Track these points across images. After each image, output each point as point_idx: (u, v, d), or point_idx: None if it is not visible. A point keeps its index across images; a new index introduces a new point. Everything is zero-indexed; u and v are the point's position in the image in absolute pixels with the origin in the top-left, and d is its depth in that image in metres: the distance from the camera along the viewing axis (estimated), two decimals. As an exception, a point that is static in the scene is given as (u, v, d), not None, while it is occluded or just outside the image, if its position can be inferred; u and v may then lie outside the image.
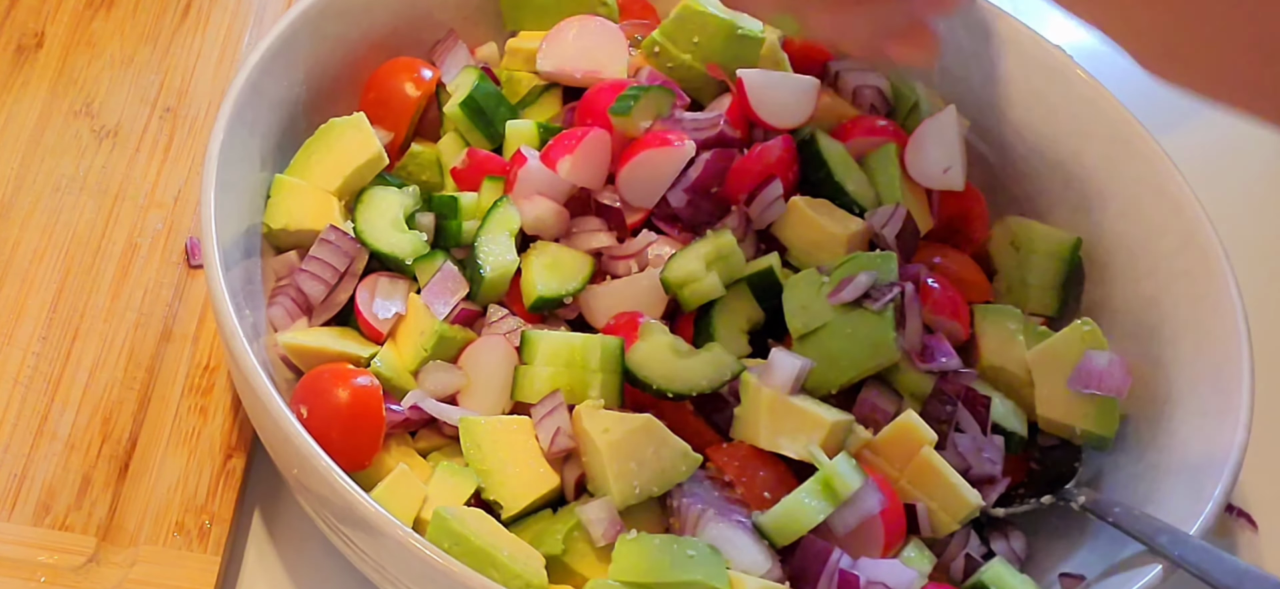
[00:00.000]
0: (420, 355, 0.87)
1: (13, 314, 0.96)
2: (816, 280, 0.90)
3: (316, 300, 0.91)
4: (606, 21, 1.01)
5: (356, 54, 1.00)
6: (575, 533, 0.82)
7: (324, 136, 0.95)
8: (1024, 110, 1.04)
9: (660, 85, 0.96)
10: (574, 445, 0.84)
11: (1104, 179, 1.01)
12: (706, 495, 0.84)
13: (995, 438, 0.91)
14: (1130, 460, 0.92)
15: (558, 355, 0.85)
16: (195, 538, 0.87)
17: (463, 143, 0.99)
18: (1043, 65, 1.03)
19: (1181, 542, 0.82)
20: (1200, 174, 1.00)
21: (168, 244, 1.00)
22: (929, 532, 0.87)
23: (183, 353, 0.95)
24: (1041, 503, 0.91)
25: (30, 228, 1.00)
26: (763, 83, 0.97)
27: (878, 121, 1.02)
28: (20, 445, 0.90)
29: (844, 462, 0.82)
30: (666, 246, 0.93)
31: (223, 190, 0.87)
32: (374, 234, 0.92)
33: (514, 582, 0.77)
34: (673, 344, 0.87)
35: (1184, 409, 0.91)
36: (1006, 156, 1.06)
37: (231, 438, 0.92)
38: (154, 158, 1.05)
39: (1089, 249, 1.01)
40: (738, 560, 0.81)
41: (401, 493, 0.81)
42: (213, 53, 1.12)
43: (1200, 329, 0.92)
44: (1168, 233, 0.97)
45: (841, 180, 0.97)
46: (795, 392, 0.85)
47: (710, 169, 0.94)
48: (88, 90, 1.08)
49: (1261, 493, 1.01)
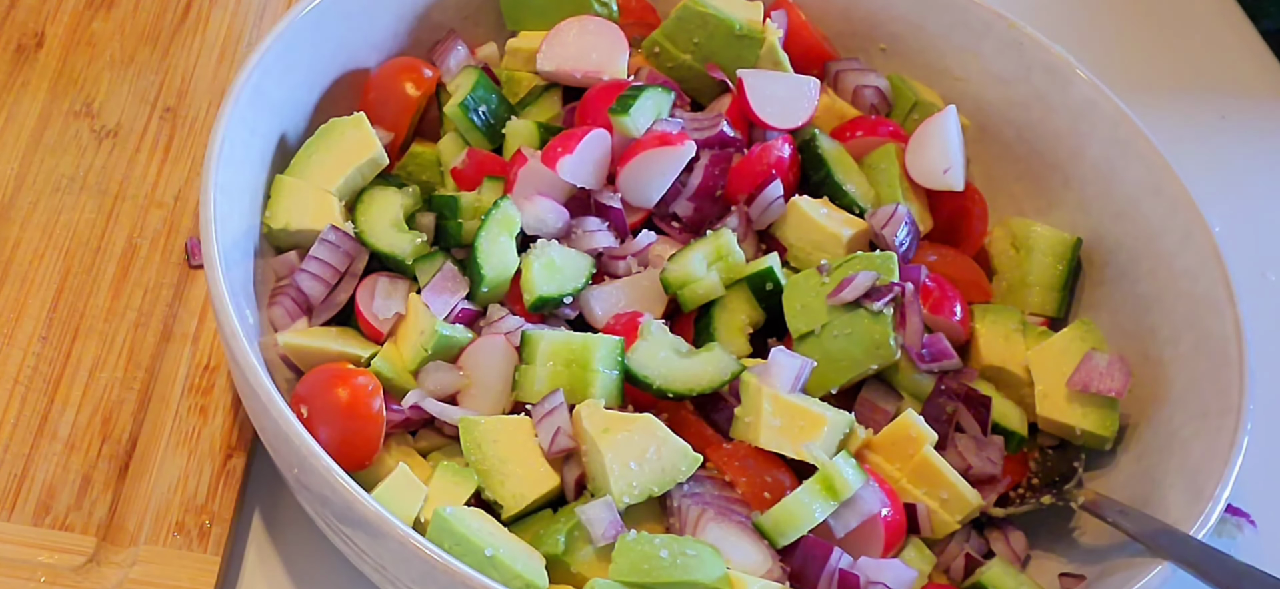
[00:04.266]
0: (420, 355, 0.87)
1: (13, 314, 0.96)
2: (816, 280, 0.90)
3: (316, 300, 0.91)
4: (606, 21, 1.01)
5: (357, 54, 1.00)
6: (575, 533, 0.82)
7: (324, 136, 0.95)
8: (1024, 110, 1.05)
9: (660, 85, 0.96)
10: (574, 445, 0.84)
11: (1104, 179, 1.01)
12: (706, 495, 0.84)
13: (995, 438, 0.91)
14: (1130, 460, 0.93)
15: (558, 355, 0.85)
16: (195, 538, 0.87)
17: (463, 143, 0.99)
18: (1043, 65, 1.03)
19: (1181, 542, 0.82)
20: (1200, 174, 1.00)
21: (168, 244, 1.00)
22: (929, 532, 0.87)
23: (183, 353, 0.95)
24: (1041, 503, 0.91)
25: (30, 228, 1.00)
26: (763, 83, 0.98)
27: (878, 122, 1.02)
28: (20, 445, 0.90)
29: (844, 461, 0.82)
30: (666, 246, 0.93)
31: (223, 190, 0.87)
32: (374, 234, 0.92)
33: (514, 582, 0.77)
34: (673, 344, 0.87)
35: (1184, 409, 0.91)
36: (1006, 156, 1.06)
37: (231, 438, 0.92)
38: (154, 158, 1.05)
39: (1089, 249, 1.01)
40: (738, 560, 0.81)
41: (401, 493, 0.81)
42: (213, 53, 1.12)
43: (1200, 329, 0.92)
44: (1167, 233, 0.97)
45: (841, 180, 0.97)
46: (795, 391, 0.85)
47: (711, 171, 0.94)
48: (88, 90, 1.08)
49: (1261, 493, 1.01)
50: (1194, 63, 1.31)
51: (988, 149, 1.06)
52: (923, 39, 1.07)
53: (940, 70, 1.07)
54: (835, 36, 1.09)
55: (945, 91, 1.07)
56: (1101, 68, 1.04)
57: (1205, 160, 1.16)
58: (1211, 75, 1.31)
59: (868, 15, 1.08)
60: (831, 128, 1.02)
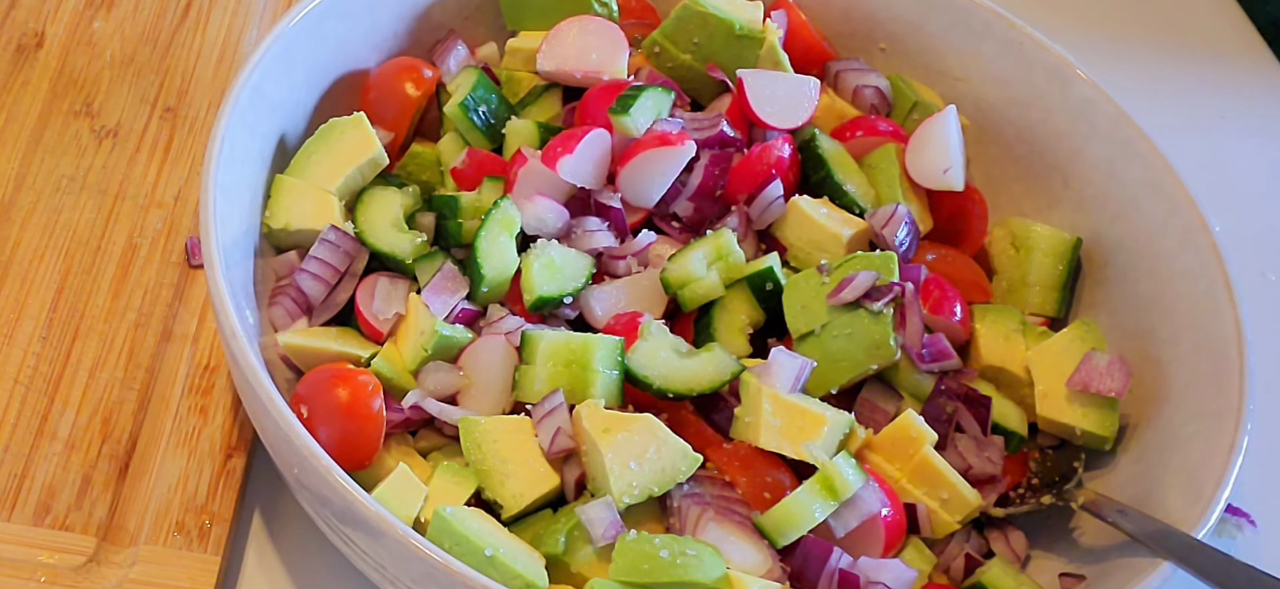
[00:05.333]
0: (420, 355, 0.87)
1: (13, 314, 0.96)
2: (816, 280, 0.90)
3: (316, 300, 0.91)
4: (606, 21, 1.01)
5: (356, 54, 1.00)
6: (575, 533, 0.82)
7: (324, 136, 0.95)
8: (1024, 110, 1.05)
9: (660, 85, 0.96)
10: (574, 445, 0.84)
11: (1104, 179, 1.01)
12: (706, 495, 0.84)
13: (995, 438, 0.91)
14: (1130, 460, 0.93)
15: (558, 355, 0.85)
16: (195, 538, 0.87)
17: (463, 143, 0.99)
18: (1043, 65, 1.03)
19: (1181, 542, 0.82)
20: (1199, 174, 1.00)
21: (168, 244, 1.00)
22: (929, 532, 0.87)
23: (183, 353, 0.95)
24: (1041, 503, 0.91)
25: (30, 228, 1.00)
26: (763, 83, 0.98)
27: (878, 122, 1.02)
28: (20, 445, 0.90)
29: (844, 462, 0.82)
30: (666, 246, 0.93)
31: (223, 190, 0.87)
32: (374, 234, 0.92)
33: (514, 582, 0.77)
34: (673, 344, 0.87)
35: (1184, 409, 0.91)
36: (1006, 156, 1.06)
37: (231, 438, 0.92)
38: (154, 158, 1.05)
39: (1089, 249, 1.01)
40: (738, 560, 0.81)
41: (401, 493, 0.81)
42: (213, 53, 1.12)
43: (1200, 329, 0.92)
44: (1167, 233, 0.97)
45: (841, 180, 0.97)
46: (795, 391, 0.85)
47: (711, 171, 0.94)
48: (88, 90, 1.08)
49: (1261, 493, 1.01)
50: (1194, 63, 1.31)
51: (988, 149, 1.06)
52: (923, 39, 1.07)
53: (940, 70, 1.07)
54: (835, 36, 1.09)
55: (945, 91, 1.07)
56: (1101, 68, 1.04)
57: (1205, 160, 1.16)
58: (1211, 75, 1.31)
59: (868, 15, 1.08)
60: (831, 128, 1.02)
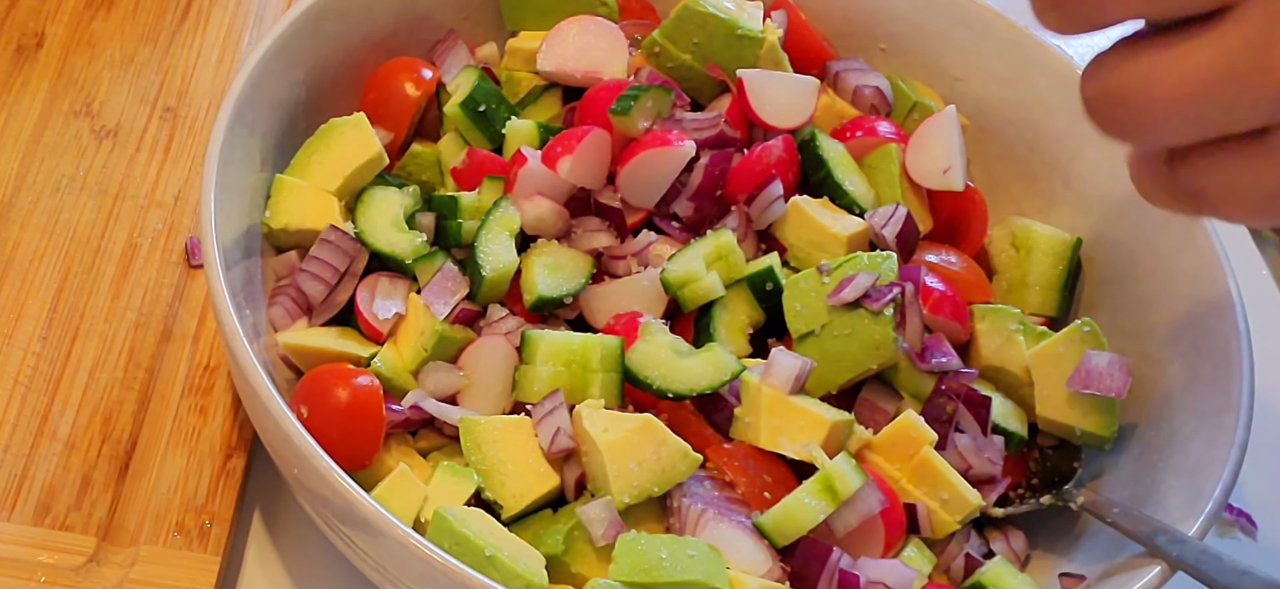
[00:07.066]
0: (420, 355, 0.87)
1: (13, 314, 0.96)
2: (816, 280, 0.90)
3: (316, 300, 0.91)
4: (606, 21, 1.01)
5: (357, 54, 1.00)
6: (575, 533, 0.82)
7: (324, 136, 0.95)
8: (1024, 110, 1.04)
9: (660, 85, 0.96)
10: (574, 445, 0.84)
11: (1104, 179, 1.01)
12: (706, 495, 0.84)
13: (995, 438, 0.91)
14: (1130, 460, 0.92)
15: (558, 355, 0.85)
16: (195, 538, 0.87)
17: (463, 143, 0.99)
18: (1043, 65, 1.03)
19: (1181, 542, 0.82)
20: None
21: (168, 244, 1.00)
22: (929, 532, 0.87)
23: (183, 353, 0.95)
24: (1041, 503, 0.91)
25: (30, 228, 1.00)
26: (763, 83, 0.97)
27: (878, 122, 1.02)
28: (20, 445, 0.90)
29: (844, 462, 0.82)
30: (666, 246, 0.93)
31: (223, 190, 0.87)
32: (374, 234, 0.92)
33: (514, 582, 0.77)
34: (673, 344, 0.87)
35: (1184, 409, 0.91)
36: (1006, 156, 1.06)
37: (231, 438, 0.92)
38: (154, 158, 1.05)
39: (1089, 249, 1.01)
40: (738, 560, 0.81)
41: (401, 493, 0.81)
42: (213, 53, 1.12)
43: (1200, 329, 0.92)
44: (1168, 233, 0.97)
45: (841, 180, 0.97)
46: (795, 391, 0.85)
47: (711, 172, 0.94)
48: (88, 90, 1.08)
49: (1261, 493, 1.01)
50: (1194, 63, 1.31)
51: (988, 149, 1.06)
52: (922, 39, 1.07)
53: (940, 70, 1.07)
54: (835, 36, 1.09)
55: (945, 91, 1.07)
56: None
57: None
58: (1211, 75, 1.31)
59: (868, 15, 1.08)
60: (831, 128, 1.02)
